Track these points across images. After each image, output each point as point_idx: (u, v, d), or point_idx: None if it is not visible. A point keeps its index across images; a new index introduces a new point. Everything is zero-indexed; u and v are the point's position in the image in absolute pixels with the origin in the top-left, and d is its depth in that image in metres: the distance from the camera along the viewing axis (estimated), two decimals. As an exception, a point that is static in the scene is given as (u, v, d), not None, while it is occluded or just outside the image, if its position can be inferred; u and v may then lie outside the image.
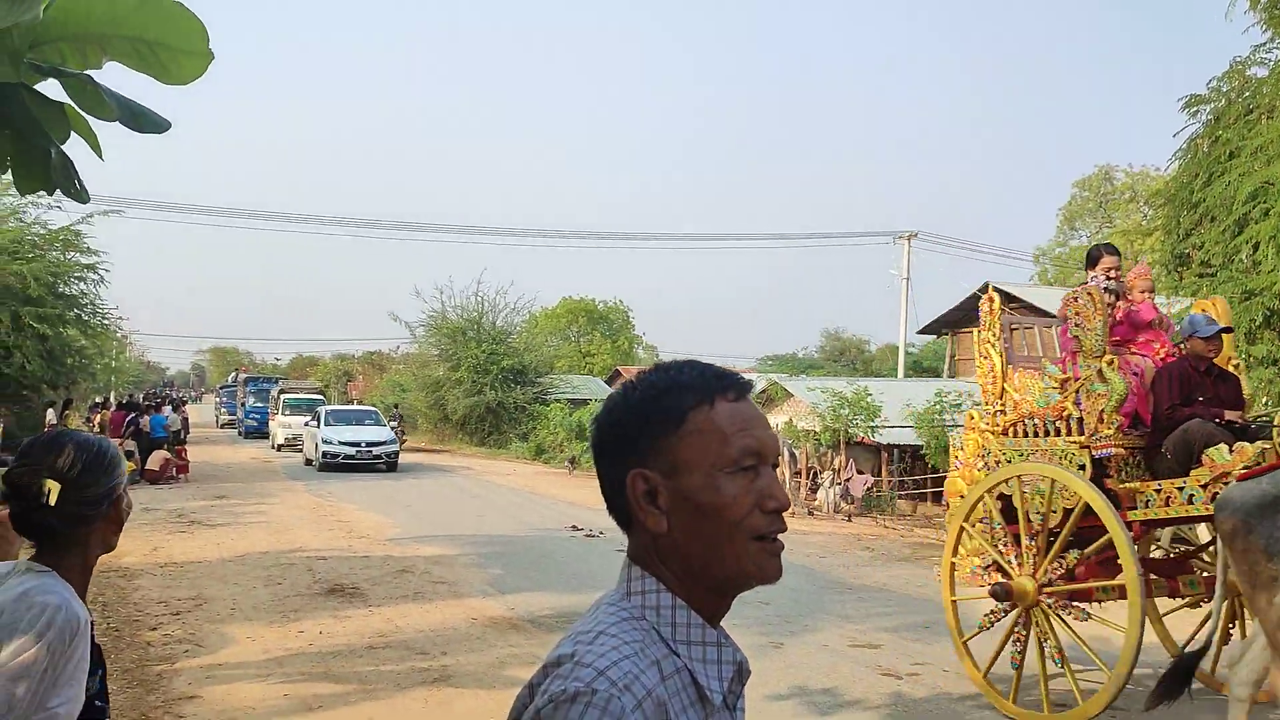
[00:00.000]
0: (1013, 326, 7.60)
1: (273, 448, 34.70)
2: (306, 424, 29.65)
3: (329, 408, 30.59)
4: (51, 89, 2.13)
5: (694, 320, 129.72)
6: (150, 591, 10.06)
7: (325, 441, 26.09)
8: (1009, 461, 6.80)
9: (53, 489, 2.07)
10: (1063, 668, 6.45)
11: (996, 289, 24.54)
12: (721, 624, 1.35)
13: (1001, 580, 6.62)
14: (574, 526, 15.53)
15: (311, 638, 8.33)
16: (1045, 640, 6.49)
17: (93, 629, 2.60)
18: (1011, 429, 6.90)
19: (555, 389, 38.91)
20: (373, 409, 31.79)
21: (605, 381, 49.06)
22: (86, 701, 2.48)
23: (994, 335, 7.11)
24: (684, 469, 1.30)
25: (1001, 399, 7.02)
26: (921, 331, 30.46)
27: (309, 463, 27.72)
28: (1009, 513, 6.76)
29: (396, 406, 37.96)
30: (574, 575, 11.40)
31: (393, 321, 61.49)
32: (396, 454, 26.93)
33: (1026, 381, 6.98)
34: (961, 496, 7.20)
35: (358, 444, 26.14)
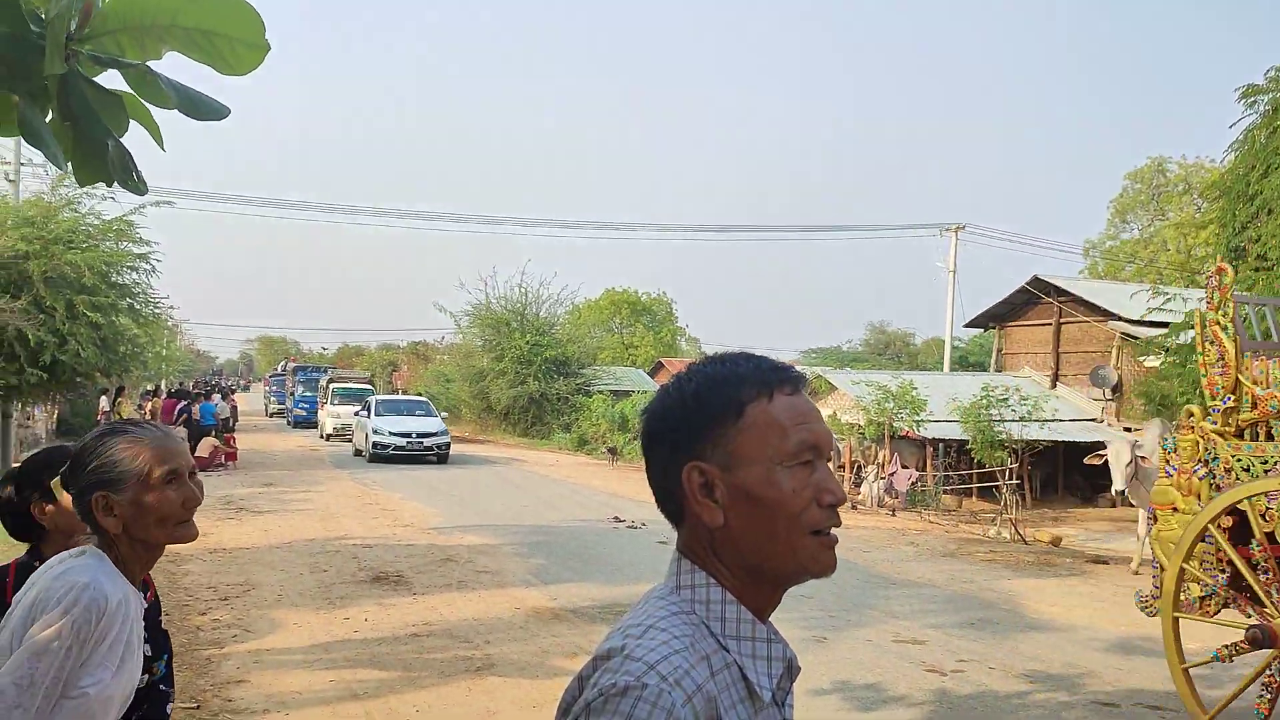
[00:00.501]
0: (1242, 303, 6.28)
1: (321, 437, 34.48)
2: (356, 414, 29.08)
3: (379, 397, 29.96)
4: (111, 80, 2.17)
5: (738, 312, 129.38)
6: (200, 577, 10.22)
7: (375, 432, 25.60)
8: (1246, 469, 5.73)
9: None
10: None
11: (1046, 282, 23.99)
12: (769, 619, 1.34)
13: (1259, 623, 5.54)
14: (616, 518, 15.56)
15: (357, 625, 8.42)
16: None
17: (159, 614, 2.65)
18: (1249, 430, 5.86)
19: (598, 380, 38.96)
20: (423, 399, 31.06)
21: (648, 373, 49.08)
22: (152, 684, 2.52)
23: (1224, 316, 5.93)
24: (743, 462, 1.29)
25: (1235, 393, 5.87)
26: (968, 325, 29.96)
27: (358, 453, 27.26)
28: (1237, 533, 5.75)
29: (420, 395, 37.27)
30: (616, 567, 11.42)
31: (438, 312, 61.81)
32: (448, 445, 26.31)
33: (1273, 372, 5.81)
34: (1175, 509, 6.16)
35: (408, 435, 25.54)
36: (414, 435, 25.56)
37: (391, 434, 25.44)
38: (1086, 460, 13.19)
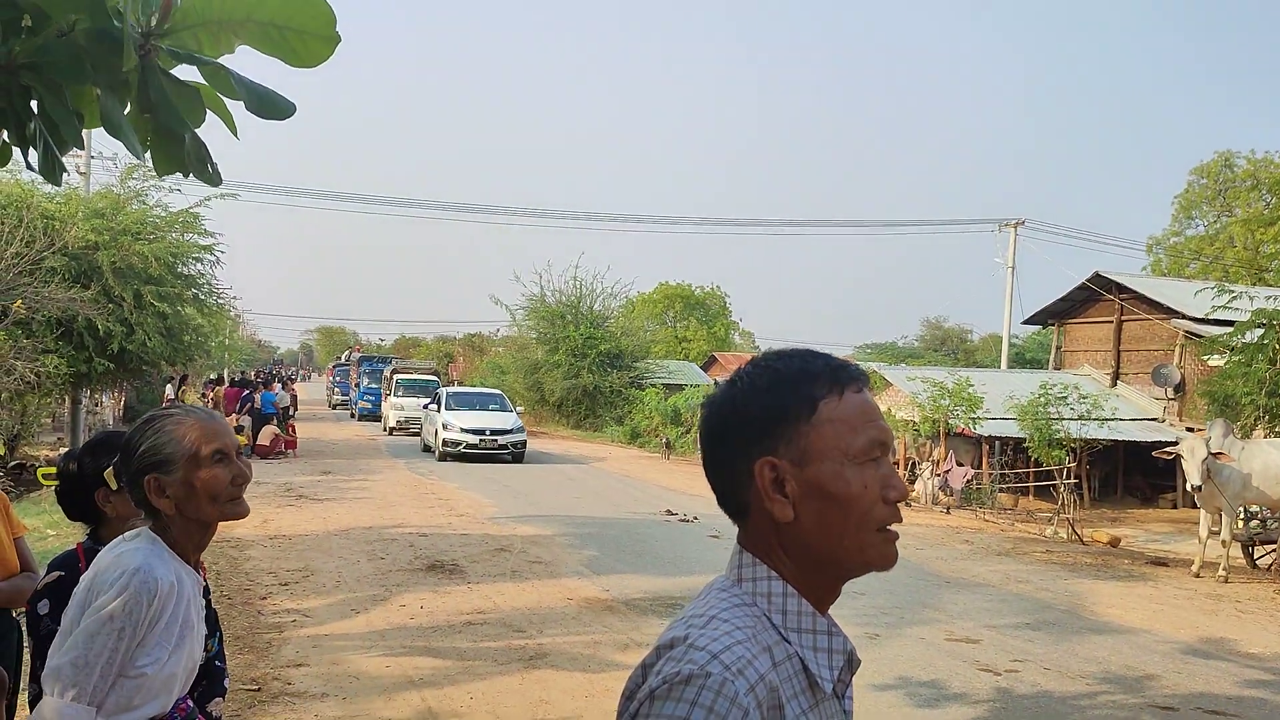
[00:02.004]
0: None
1: (385, 431, 33.29)
2: (425, 407, 27.41)
3: (450, 390, 27.58)
4: (185, 73, 2.25)
5: (792, 307, 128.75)
6: (260, 562, 10.42)
7: (445, 427, 23.74)
8: None
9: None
10: None
11: (1107, 278, 23.56)
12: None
13: None
14: (669, 511, 15.59)
15: (412, 612, 8.54)
16: None
17: (208, 595, 2.73)
18: None
19: (651, 374, 39.01)
20: (497, 392, 28.62)
21: (701, 367, 49.03)
22: (209, 660, 2.63)
23: None
24: (815, 458, 1.31)
25: None
26: (1027, 322, 29.49)
27: (427, 449, 25.42)
28: None
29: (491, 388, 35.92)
30: (668, 560, 11.44)
31: (494, 304, 62.20)
32: (524, 444, 24.25)
33: None
34: None
35: (481, 431, 23.56)
36: (487, 432, 23.65)
37: (463, 430, 23.58)
38: (1156, 452, 13.00)
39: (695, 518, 14.73)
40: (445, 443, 23.55)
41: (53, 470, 3.26)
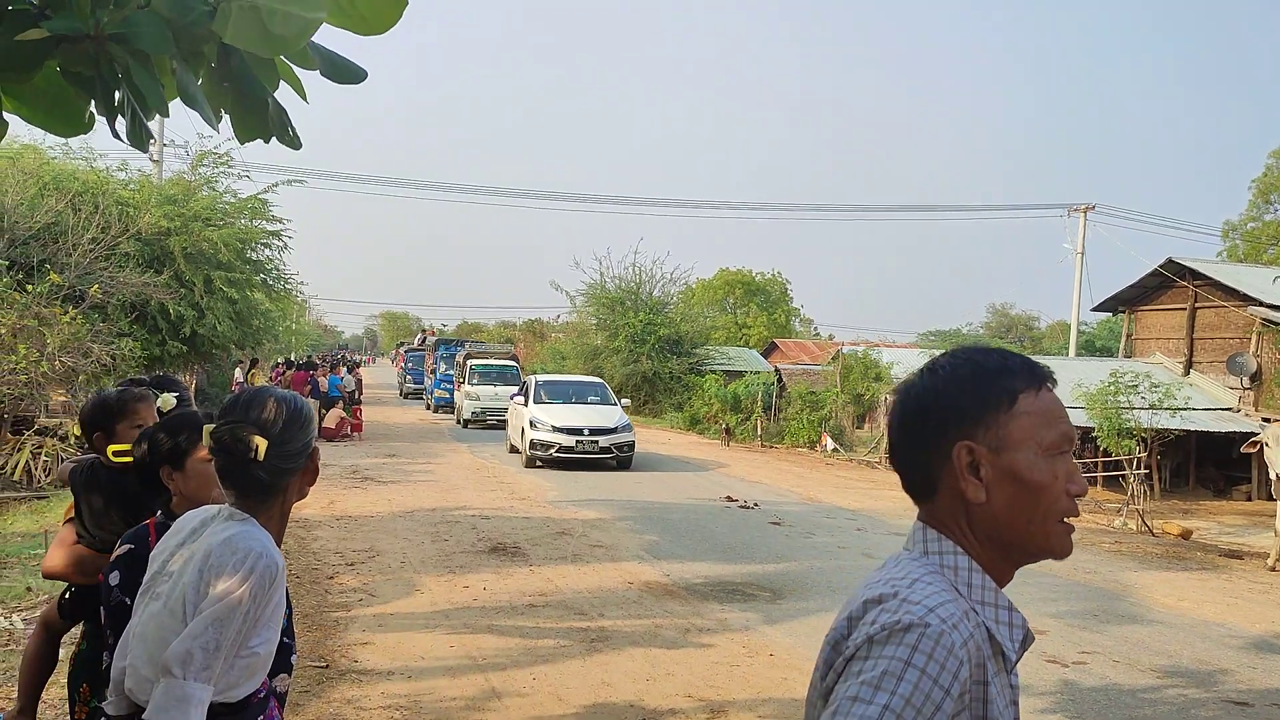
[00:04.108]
0: None
1: (458, 423, 29.78)
2: (514, 398, 21.88)
3: (542, 378, 22.83)
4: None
5: (855, 293, 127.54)
6: (328, 542, 10.62)
7: (533, 425, 19.22)
8: None
9: (260, 444, 2.20)
10: None
11: (1180, 264, 22.98)
12: None
13: None
14: (729, 497, 15.57)
15: (476, 593, 8.64)
16: None
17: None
18: None
19: (711, 360, 38.94)
20: (597, 381, 23.49)
21: (761, 354, 48.81)
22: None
23: None
24: (1012, 446, 1.40)
25: None
26: (1096, 309, 28.83)
27: (514, 450, 20.78)
28: None
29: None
30: (729, 545, 11.43)
31: (554, 290, 62.39)
32: (631, 445, 19.66)
33: None
34: None
35: (578, 431, 19.06)
36: (585, 431, 19.12)
37: (555, 429, 19.09)
38: (1243, 449, 12.71)
39: (756, 504, 14.70)
40: (534, 444, 19.04)
41: (124, 448, 3.34)
